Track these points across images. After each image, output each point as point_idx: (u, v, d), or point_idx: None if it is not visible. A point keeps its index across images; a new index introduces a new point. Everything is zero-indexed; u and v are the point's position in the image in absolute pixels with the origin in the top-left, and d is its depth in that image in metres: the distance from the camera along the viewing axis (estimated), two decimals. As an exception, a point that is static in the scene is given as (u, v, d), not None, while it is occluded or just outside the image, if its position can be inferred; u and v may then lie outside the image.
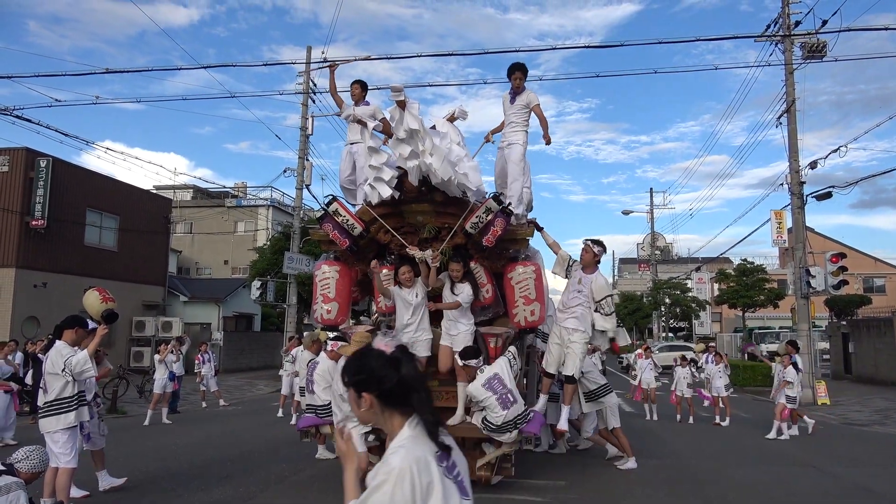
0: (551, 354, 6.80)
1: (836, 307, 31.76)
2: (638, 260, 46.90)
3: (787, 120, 17.74)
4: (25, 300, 19.11)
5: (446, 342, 6.36)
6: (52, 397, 5.40)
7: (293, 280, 22.19)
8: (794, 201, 17.64)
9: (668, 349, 28.43)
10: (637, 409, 13.63)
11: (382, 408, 1.83)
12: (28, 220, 19.22)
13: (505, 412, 5.90)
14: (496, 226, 6.16)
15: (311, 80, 21.58)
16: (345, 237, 6.40)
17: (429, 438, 1.78)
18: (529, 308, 6.50)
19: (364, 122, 6.85)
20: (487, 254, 6.49)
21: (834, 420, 13.49)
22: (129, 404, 14.13)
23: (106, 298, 5.79)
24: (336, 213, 6.37)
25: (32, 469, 4.13)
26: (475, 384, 6.04)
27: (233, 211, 37.65)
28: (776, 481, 7.39)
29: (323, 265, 6.92)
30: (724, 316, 44.45)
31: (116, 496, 6.37)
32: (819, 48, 16.63)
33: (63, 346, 5.54)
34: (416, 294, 6.27)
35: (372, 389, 1.82)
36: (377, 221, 6.53)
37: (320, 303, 6.81)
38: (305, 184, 21.99)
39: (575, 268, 6.84)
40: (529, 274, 6.54)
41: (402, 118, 5.95)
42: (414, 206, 6.53)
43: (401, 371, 1.81)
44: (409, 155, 6.07)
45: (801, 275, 17.30)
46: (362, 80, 7.45)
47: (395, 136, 6.19)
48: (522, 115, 7.09)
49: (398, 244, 6.53)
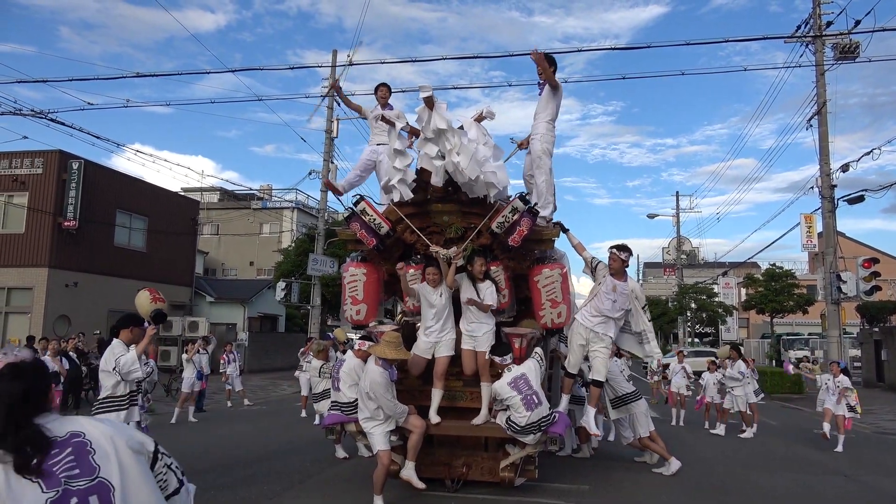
0: (574, 355, 6.80)
1: (867, 313, 31.01)
2: (663, 264, 46.37)
3: (818, 122, 17.44)
4: (57, 299, 19.54)
5: (469, 345, 6.33)
6: (104, 395, 5.53)
7: (317, 281, 22.36)
8: (825, 205, 17.32)
9: (694, 354, 28.04)
10: (663, 414, 13.46)
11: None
12: (60, 221, 19.65)
13: (529, 413, 5.88)
14: (522, 225, 6.14)
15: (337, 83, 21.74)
16: (372, 236, 6.42)
17: None
18: (556, 311, 6.50)
19: (392, 122, 6.87)
20: (513, 254, 6.47)
21: (866, 429, 13.18)
22: (156, 402, 14.35)
23: (156, 299, 5.85)
24: (364, 213, 6.39)
25: None
26: (501, 382, 6.04)
27: (258, 213, 38.11)
28: (804, 489, 7.25)
29: (350, 266, 6.93)
30: (751, 322, 43.72)
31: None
32: (852, 49, 16.34)
33: (118, 344, 5.61)
34: (440, 294, 6.28)
35: None
36: (403, 221, 6.56)
37: (349, 304, 6.84)
38: (330, 186, 22.15)
39: (603, 273, 6.78)
40: (556, 276, 6.52)
41: (429, 117, 5.96)
42: (440, 206, 6.54)
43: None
44: (435, 154, 6.08)
45: (831, 280, 16.96)
46: (387, 84, 7.55)
47: (422, 136, 6.20)
48: (547, 106, 7.00)
49: (424, 244, 6.55)
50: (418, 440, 6.00)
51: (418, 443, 6.01)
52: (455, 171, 6.02)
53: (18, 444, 1.59)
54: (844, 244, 20.38)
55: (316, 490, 6.87)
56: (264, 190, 42.22)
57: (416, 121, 6.34)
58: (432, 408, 6.21)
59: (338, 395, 6.77)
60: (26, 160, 20.14)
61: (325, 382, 9.03)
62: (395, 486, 6.32)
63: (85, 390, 13.78)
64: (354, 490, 6.73)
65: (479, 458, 6.51)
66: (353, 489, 6.80)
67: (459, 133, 6.13)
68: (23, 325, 19.23)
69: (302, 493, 6.70)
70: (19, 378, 1.71)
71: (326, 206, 23.41)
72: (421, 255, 6.66)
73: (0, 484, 1.57)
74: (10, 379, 1.70)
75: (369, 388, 5.73)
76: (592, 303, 6.75)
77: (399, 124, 6.87)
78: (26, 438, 1.61)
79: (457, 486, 6.42)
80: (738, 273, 40.62)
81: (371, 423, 5.91)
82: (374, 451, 5.95)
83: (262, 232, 39.34)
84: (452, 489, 6.39)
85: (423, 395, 6.40)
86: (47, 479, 1.57)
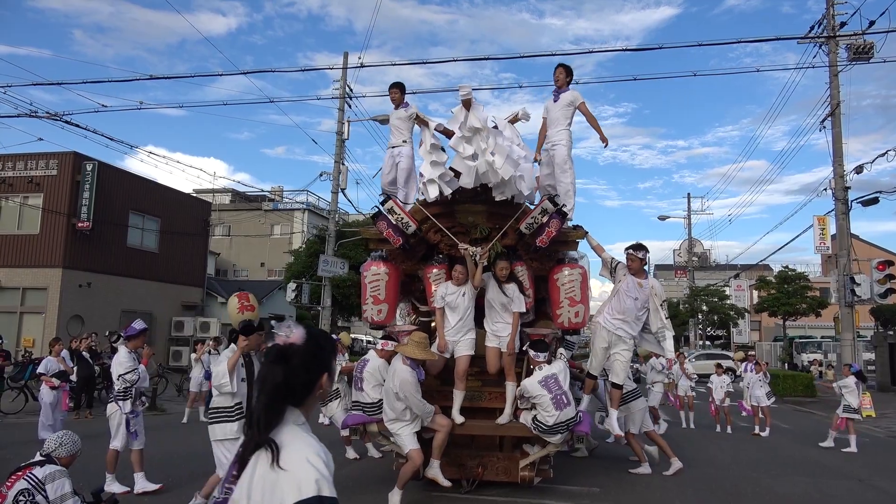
0: (596, 357, 6.84)
1: (882, 316, 30.70)
2: (674, 266, 46.03)
3: (832, 123, 17.31)
4: (71, 299, 19.71)
5: (493, 343, 6.36)
6: (215, 404, 5.44)
7: (328, 283, 22.41)
8: (839, 207, 17.18)
9: (705, 357, 27.89)
10: (673, 417, 13.39)
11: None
12: (74, 222, 19.81)
13: (558, 413, 5.90)
14: (551, 227, 6.22)
15: (348, 86, 21.82)
16: (398, 235, 6.43)
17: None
18: (574, 310, 6.55)
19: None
20: (538, 255, 6.51)
21: (880, 433, 13.05)
22: (168, 402, 14.45)
23: (244, 308, 5.54)
24: (391, 212, 6.39)
25: (70, 452, 4.24)
26: (531, 380, 6.05)
27: (269, 214, 38.30)
28: (817, 493, 7.18)
29: (372, 266, 6.89)
30: (763, 324, 43.38)
31: (154, 495, 6.50)
32: (866, 49, 16.20)
33: (228, 351, 5.51)
34: (463, 294, 6.30)
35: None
36: (429, 220, 6.56)
37: (370, 304, 6.80)
38: (341, 187, 22.21)
39: (623, 272, 6.78)
40: (576, 276, 6.59)
41: (466, 117, 5.96)
42: (468, 207, 6.54)
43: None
44: (469, 154, 6.09)
45: (845, 282, 16.81)
46: (401, 83, 7.46)
47: (456, 135, 6.19)
48: (566, 113, 7.02)
49: (448, 244, 6.55)
50: (444, 439, 6.01)
51: (444, 442, 6.02)
52: (489, 170, 6.02)
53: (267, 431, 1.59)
54: (858, 246, 20.18)
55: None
56: (275, 191, 42.42)
57: (451, 120, 6.32)
58: (455, 408, 6.23)
59: (360, 396, 6.76)
60: (41, 162, 20.34)
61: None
62: (409, 486, 6.32)
63: (98, 390, 13.88)
64: (365, 492, 6.73)
65: (494, 459, 6.51)
66: (363, 491, 6.79)
67: (495, 133, 6.13)
68: (37, 325, 19.42)
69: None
70: (283, 362, 1.66)
71: (337, 208, 23.47)
72: (443, 254, 6.67)
73: (248, 472, 1.56)
74: (273, 362, 1.67)
75: (399, 388, 5.73)
76: (613, 303, 6.74)
77: (433, 124, 6.82)
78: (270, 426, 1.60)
79: (472, 486, 6.41)
80: (750, 275, 40.33)
81: (397, 424, 5.91)
82: (405, 451, 5.92)
83: (272, 233, 39.54)
84: (467, 489, 6.39)
85: (441, 395, 6.41)
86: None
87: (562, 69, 7.12)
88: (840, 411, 10.52)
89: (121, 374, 6.56)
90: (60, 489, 3.88)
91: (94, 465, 6.59)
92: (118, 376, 6.57)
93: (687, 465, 8.33)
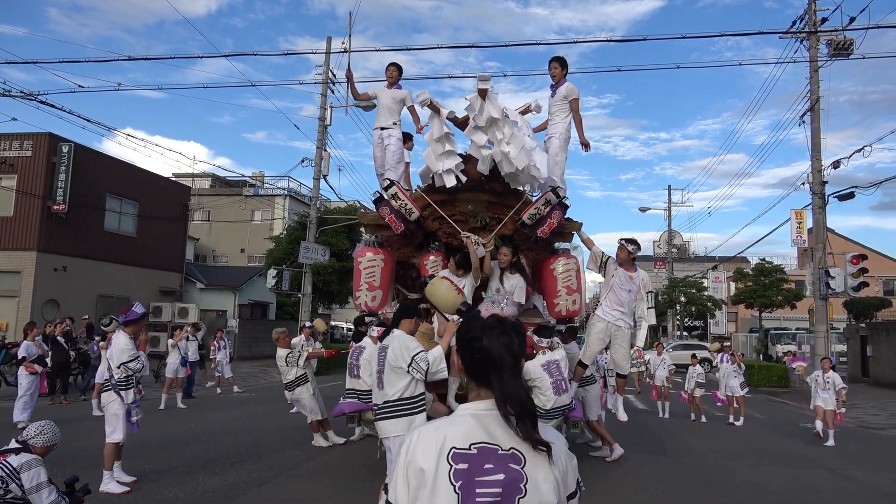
0: (589, 348, 6.96)
1: (854, 309, 31.32)
2: (654, 257, 46.46)
3: (811, 118, 17.50)
4: (46, 283, 19.39)
5: None
6: (394, 396, 4.78)
7: (308, 269, 22.29)
8: (816, 201, 17.41)
9: (682, 348, 28.27)
10: (650, 407, 13.56)
11: (469, 380, 1.59)
12: (50, 205, 19.47)
13: (556, 398, 6.07)
14: (553, 218, 6.35)
15: (331, 71, 21.60)
16: (400, 222, 6.39)
17: (494, 427, 1.48)
18: (571, 298, 6.76)
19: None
20: (535, 245, 6.61)
21: (851, 423, 13.32)
22: (145, 388, 14.28)
23: (458, 289, 5.11)
24: (395, 198, 6.34)
25: (47, 443, 4.16)
26: (534, 363, 6.15)
27: (250, 200, 37.88)
28: (791, 482, 7.32)
29: (368, 252, 6.83)
30: (739, 316, 44.03)
31: (132, 474, 6.42)
32: (846, 46, 16.37)
33: (409, 338, 4.87)
34: (464, 286, 6.30)
35: (461, 354, 1.61)
36: (429, 208, 6.54)
37: (365, 290, 6.74)
38: (323, 174, 22.05)
39: (614, 267, 6.87)
40: (572, 266, 6.83)
41: (482, 107, 5.96)
42: (470, 195, 6.53)
43: (484, 342, 1.54)
44: (484, 143, 6.09)
45: (820, 276, 17.09)
46: (399, 64, 7.43)
47: (471, 125, 6.16)
48: (562, 107, 7.04)
49: (446, 232, 6.54)
50: None
51: None
52: (503, 160, 6.03)
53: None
54: (833, 240, 20.52)
55: (305, 477, 6.86)
56: (256, 177, 41.98)
57: (467, 109, 6.26)
58: (450, 395, 6.29)
59: (355, 383, 6.70)
60: (15, 143, 19.91)
61: (293, 370, 8.62)
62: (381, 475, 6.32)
63: (74, 375, 13.69)
64: (344, 478, 6.74)
65: None
66: (342, 477, 6.80)
67: (511, 124, 6.14)
68: (11, 309, 19.08)
69: (290, 481, 6.69)
70: (515, 333, 1.56)
71: (319, 194, 23.30)
72: (440, 242, 6.65)
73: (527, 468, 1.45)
74: (508, 331, 1.55)
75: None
76: (610, 297, 6.84)
77: (444, 112, 6.70)
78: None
79: None
80: (727, 267, 40.88)
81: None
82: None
83: (253, 219, 39.14)
84: None
85: (432, 384, 6.46)
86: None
87: (556, 63, 7.09)
88: (825, 404, 10.29)
89: (123, 363, 6.05)
90: (36, 478, 3.81)
91: (69, 451, 6.50)
92: (120, 364, 6.05)
93: (664, 454, 8.45)
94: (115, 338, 6.20)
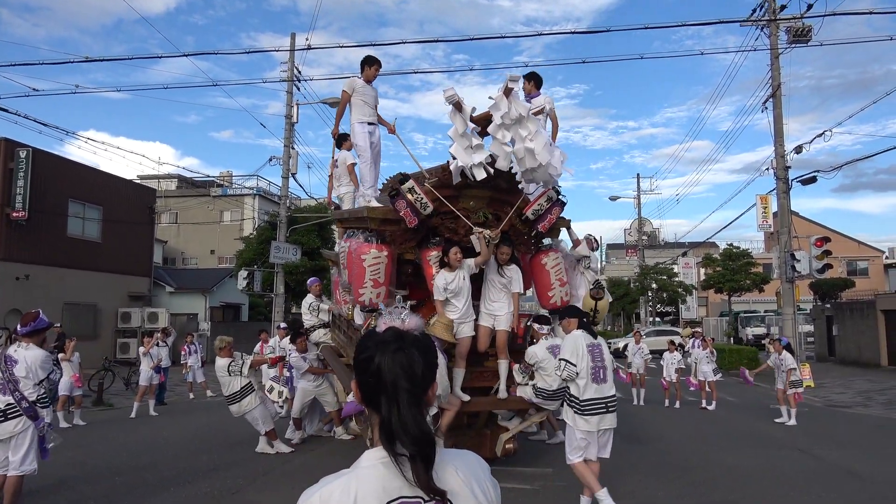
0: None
1: (820, 290, 32.09)
2: (625, 245, 46.96)
3: (773, 105, 17.78)
4: (8, 293, 18.86)
5: (487, 323, 6.55)
6: (583, 395, 5.51)
7: (280, 269, 22.05)
8: (780, 186, 17.74)
9: (655, 334, 28.67)
10: (624, 394, 13.71)
11: (369, 413, 1.29)
12: (8, 212, 18.93)
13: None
14: (552, 213, 6.73)
15: (296, 68, 21.33)
16: (415, 216, 6.33)
17: (398, 474, 1.19)
18: (564, 290, 7.09)
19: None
20: (526, 241, 6.96)
21: (818, 402, 13.64)
22: (115, 396, 14.02)
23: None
24: (412, 191, 6.25)
25: None
26: (539, 346, 6.54)
27: (218, 200, 37.31)
28: (763, 464, 7.46)
29: (372, 248, 6.62)
30: (710, 300, 44.76)
31: (103, 489, 6.30)
32: (804, 32, 16.66)
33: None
34: (463, 277, 6.33)
35: (357, 381, 1.31)
36: (436, 202, 6.52)
37: (370, 287, 6.55)
38: (291, 172, 21.79)
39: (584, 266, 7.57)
40: (560, 259, 7.17)
41: (508, 105, 5.98)
42: (473, 192, 6.56)
43: (376, 361, 1.24)
44: (507, 140, 6.17)
45: (786, 259, 17.42)
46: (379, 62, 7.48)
47: (496, 122, 6.16)
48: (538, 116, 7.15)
49: (448, 227, 6.54)
50: (452, 417, 6.22)
51: (451, 419, 6.23)
52: (527, 156, 6.10)
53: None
54: (798, 224, 20.93)
55: (280, 482, 6.78)
56: (224, 177, 41.36)
57: (493, 107, 6.23)
58: (456, 386, 6.40)
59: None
60: (-31, 149, 19.29)
61: (237, 381, 8.08)
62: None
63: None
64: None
65: (464, 438, 6.70)
66: (317, 479, 6.73)
67: (535, 121, 6.24)
68: (-28, 321, 18.52)
69: (266, 486, 6.61)
70: (418, 351, 1.27)
71: (288, 193, 23.03)
72: (440, 237, 6.62)
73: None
74: (408, 348, 1.26)
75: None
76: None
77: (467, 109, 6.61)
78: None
79: None
80: (697, 253, 41.50)
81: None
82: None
83: (222, 220, 38.57)
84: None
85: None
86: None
87: (531, 82, 7.36)
88: (784, 386, 10.57)
89: (44, 378, 5.14)
90: None
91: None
92: (40, 380, 5.09)
93: (638, 441, 8.54)
94: (26, 351, 5.12)
